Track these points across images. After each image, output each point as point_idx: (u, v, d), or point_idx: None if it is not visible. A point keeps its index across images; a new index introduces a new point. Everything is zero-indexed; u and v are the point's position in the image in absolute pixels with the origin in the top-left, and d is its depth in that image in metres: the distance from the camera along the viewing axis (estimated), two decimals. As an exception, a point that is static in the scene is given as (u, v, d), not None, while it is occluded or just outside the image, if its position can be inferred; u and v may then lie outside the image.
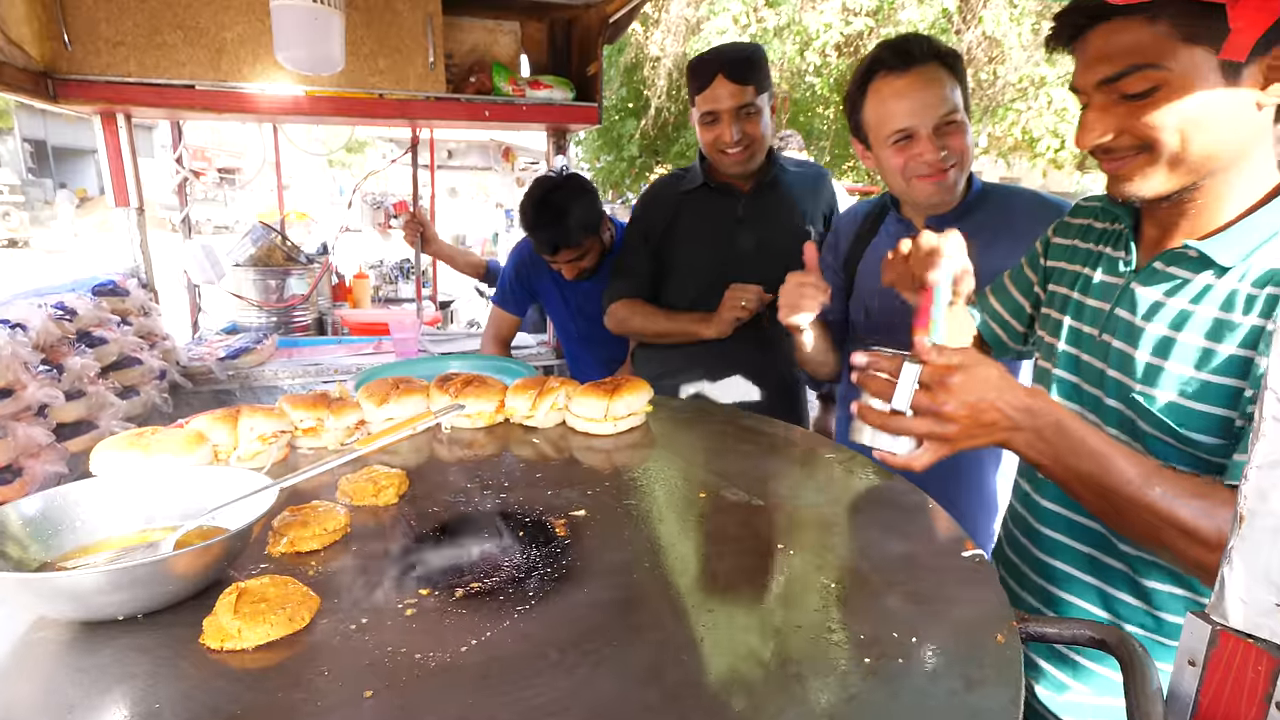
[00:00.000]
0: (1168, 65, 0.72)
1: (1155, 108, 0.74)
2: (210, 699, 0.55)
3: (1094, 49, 0.77)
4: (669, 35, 8.90)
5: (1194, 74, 0.71)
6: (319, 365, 2.42)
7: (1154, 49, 0.72)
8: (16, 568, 0.68)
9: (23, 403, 1.28)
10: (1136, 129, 0.76)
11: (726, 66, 1.59)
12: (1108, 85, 0.76)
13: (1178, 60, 0.71)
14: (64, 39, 1.85)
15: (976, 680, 0.57)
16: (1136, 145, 0.77)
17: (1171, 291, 0.82)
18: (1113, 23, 0.74)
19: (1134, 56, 0.73)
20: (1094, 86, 0.78)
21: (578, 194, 1.89)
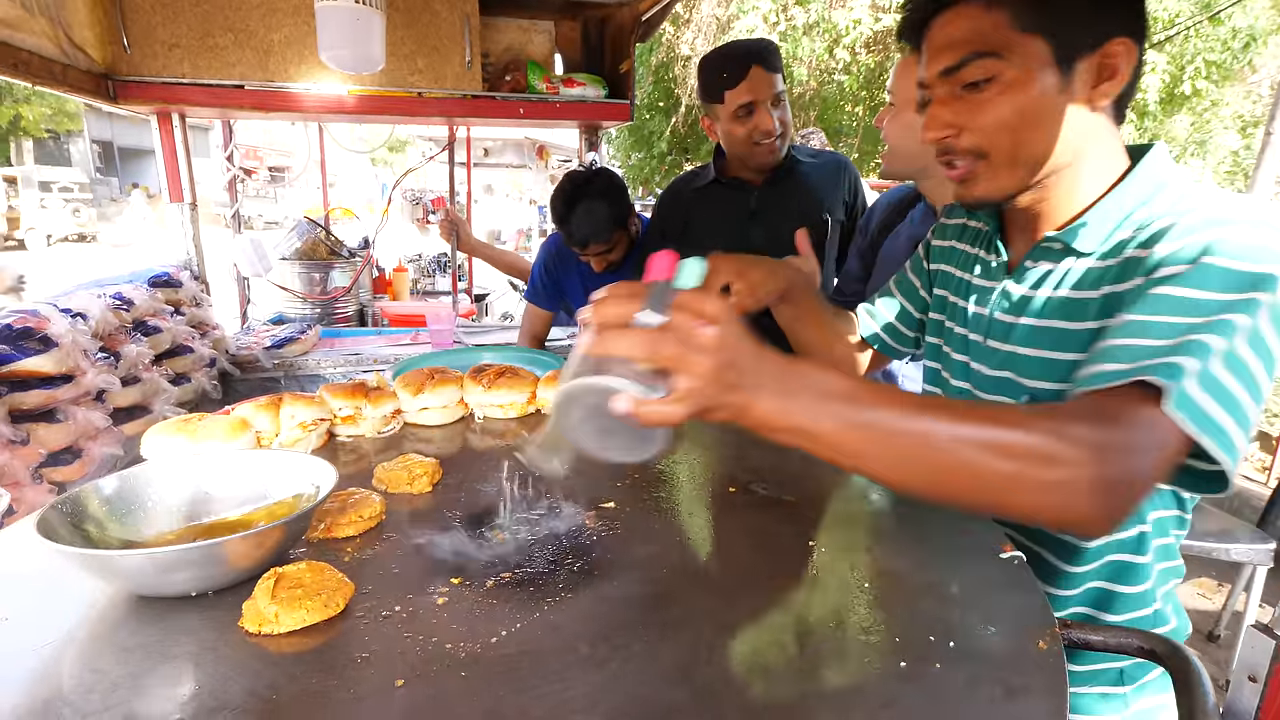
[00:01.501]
0: (1005, 55, 0.72)
1: (992, 101, 0.74)
2: (246, 681, 0.56)
3: (937, 38, 0.77)
4: (699, 35, 8.87)
5: (1030, 66, 0.72)
6: (359, 355, 2.48)
7: (992, 37, 0.72)
8: (94, 546, 0.71)
9: (83, 388, 1.34)
10: (973, 124, 0.75)
11: (759, 56, 1.59)
12: (949, 75, 0.76)
13: (1015, 50, 0.72)
14: (124, 42, 1.93)
15: (1018, 688, 0.55)
16: (973, 150, 0.77)
17: (1039, 284, 0.82)
18: (954, 10, 0.75)
19: (973, 44, 0.73)
20: (937, 77, 0.77)
21: (606, 189, 1.90)
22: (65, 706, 0.53)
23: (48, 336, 1.29)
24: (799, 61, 8.62)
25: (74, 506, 0.72)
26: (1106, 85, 0.73)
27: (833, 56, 8.36)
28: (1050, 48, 0.71)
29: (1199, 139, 8.14)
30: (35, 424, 1.26)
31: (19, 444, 1.20)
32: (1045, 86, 0.72)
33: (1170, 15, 7.33)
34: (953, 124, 0.77)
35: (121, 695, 0.54)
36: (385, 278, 4.03)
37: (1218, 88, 7.79)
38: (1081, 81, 0.72)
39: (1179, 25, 7.24)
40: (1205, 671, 0.55)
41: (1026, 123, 0.73)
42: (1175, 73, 7.54)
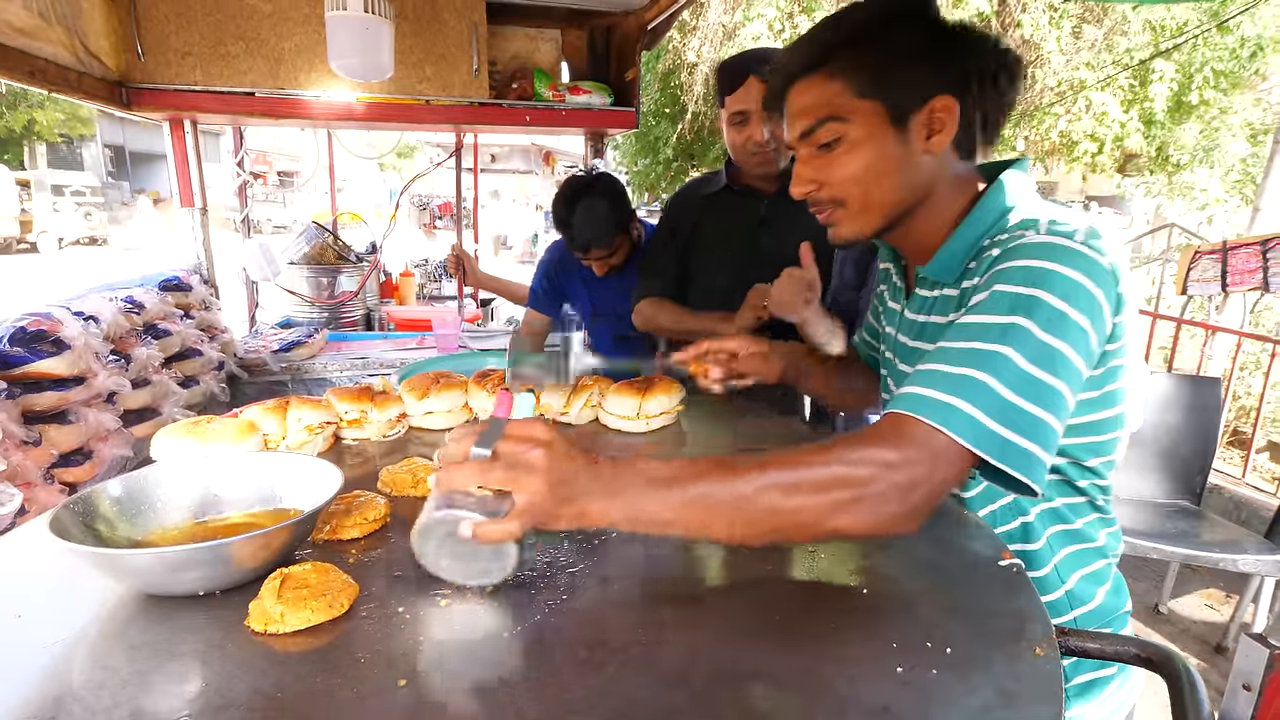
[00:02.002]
0: (849, 118, 0.82)
1: (842, 159, 0.84)
2: (252, 680, 0.57)
3: (793, 107, 0.87)
4: (705, 42, 8.91)
5: (870, 126, 0.82)
6: (365, 359, 2.50)
7: (836, 104, 0.82)
8: (105, 545, 0.72)
9: (94, 390, 1.36)
10: (830, 179, 0.85)
11: (757, 67, 1.60)
12: (805, 139, 0.86)
13: (856, 114, 0.81)
14: (138, 50, 1.96)
15: (1014, 694, 0.55)
16: (832, 200, 0.87)
17: (925, 310, 0.93)
18: (804, 81, 0.85)
19: (821, 110, 0.83)
20: (796, 140, 0.87)
21: (607, 193, 1.92)
22: (75, 703, 0.54)
23: (60, 339, 1.31)
24: (805, 69, 8.60)
25: (86, 506, 0.73)
26: (937, 137, 0.82)
27: None
28: (885, 109, 0.81)
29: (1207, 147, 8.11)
30: (47, 425, 1.28)
31: (31, 445, 1.22)
32: (885, 142, 0.82)
33: (1178, 24, 7.32)
34: (814, 179, 0.87)
35: (130, 692, 0.55)
36: (392, 282, 4.06)
37: (1226, 96, 7.76)
38: (916, 135, 0.82)
39: (1187, 34, 7.22)
40: (1200, 679, 0.55)
41: (873, 174, 0.83)
42: (1183, 81, 7.51)
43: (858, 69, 0.81)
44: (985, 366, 0.67)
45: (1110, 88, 7.65)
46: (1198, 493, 2.54)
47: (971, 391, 0.66)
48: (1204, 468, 2.55)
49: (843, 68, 0.82)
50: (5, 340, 1.25)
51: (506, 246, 15.64)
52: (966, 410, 0.65)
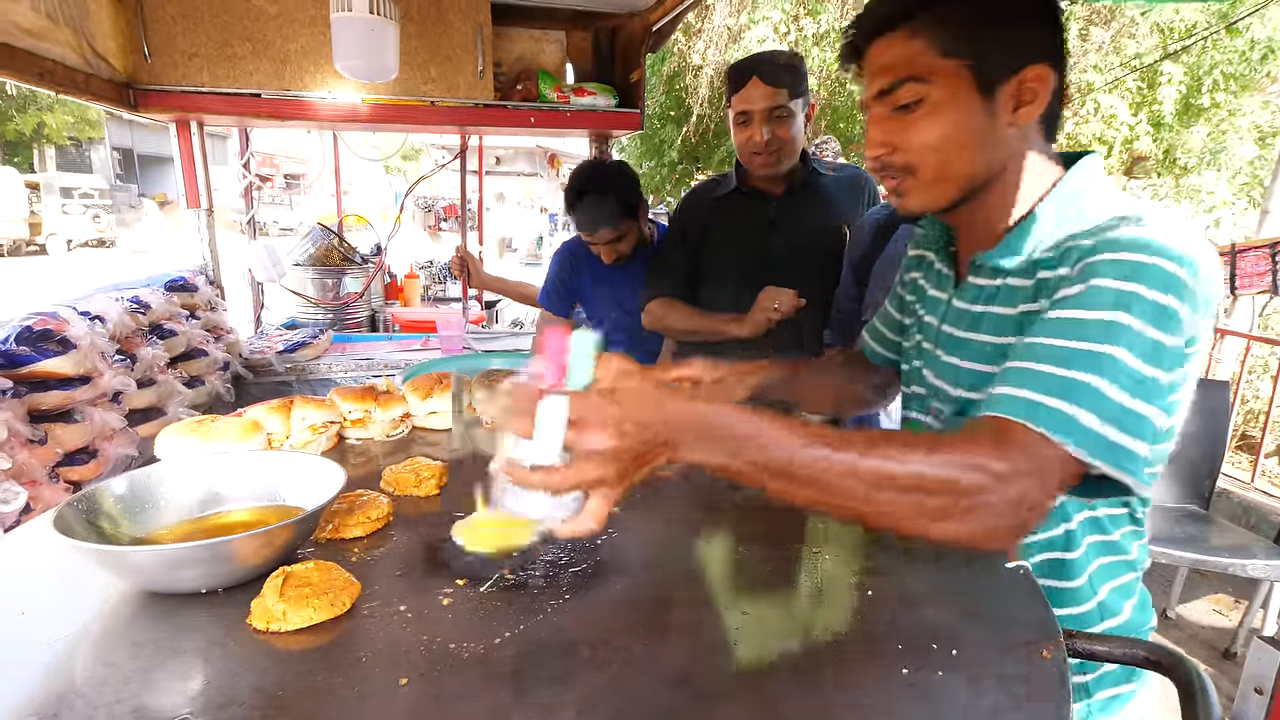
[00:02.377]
0: (931, 79, 0.77)
1: (920, 122, 0.78)
2: (253, 678, 0.57)
3: (872, 64, 0.82)
4: (711, 44, 8.91)
5: (954, 90, 0.76)
6: (370, 360, 2.50)
7: (919, 63, 0.77)
8: (108, 542, 0.72)
9: (100, 389, 1.36)
10: (904, 143, 0.80)
11: (760, 69, 1.62)
12: (883, 97, 0.81)
13: (940, 75, 0.76)
14: (144, 52, 1.98)
15: (1021, 697, 0.55)
16: (904, 167, 0.81)
17: (976, 299, 0.86)
18: (885, 38, 0.79)
19: (902, 70, 0.78)
20: (874, 99, 0.82)
21: (618, 176, 1.93)
22: (78, 699, 0.54)
23: (67, 338, 1.32)
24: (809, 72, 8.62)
25: (89, 504, 0.73)
26: (1026, 109, 0.77)
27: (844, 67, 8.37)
28: (972, 74, 0.75)
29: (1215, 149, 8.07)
30: (53, 424, 1.28)
31: (37, 443, 1.23)
32: (969, 109, 0.77)
33: (1187, 26, 7.29)
34: (886, 142, 0.82)
35: (132, 689, 0.55)
36: (397, 284, 4.06)
37: (1235, 98, 7.73)
38: (1003, 104, 0.76)
39: (1196, 36, 7.19)
40: (1210, 683, 0.54)
41: (951, 142, 0.78)
42: (1192, 84, 7.48)
43: (946, 26, 0.75)
44: (1096, 368, 0.63)
45: (1118, 90, 7.61)
46: (1206, 497, 2.52)
47: (1087, 397, 0.62)
48: (1212, 472, 2.53)
49: (929, 24, 0.76)
50: (11, 339, 1.25)
51: (511, 249, 15.66)
52: (1084, 420, 0.61)
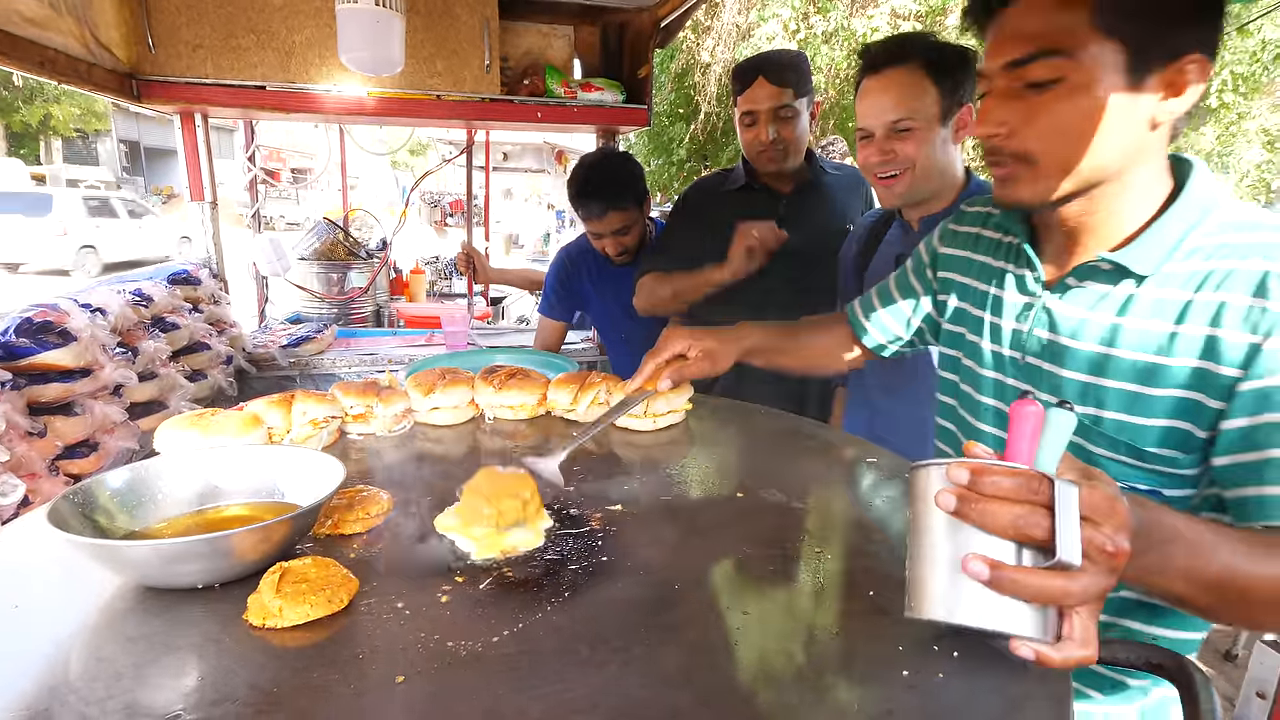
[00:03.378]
0: (1077, 56, 0.68)
1: (1053, 106, 0.69)
2: (249, 674, 0.56)
3: (1008, 28, 0.72)
4: (720, 42, 8.90)
5: (1100, 71, 0.68)
6: (374, 355, 2.50)
7: (1066, 35, 0.68)
8: (104, 536, 0.72)
9: (100, 382, 1.36)
10: (1028, 128, 0.72)
11: (766, 69, 1.63)
12: (1014, 69, 0.72)
13: (1087, 52, 0.67)
14: (148, 42, 1.97)
15: (1021, 699, 0.54)
16: (1022, 154, 0.73)
17: (1094, 306, 0.78)
18: (1030, 1, 0.70)
19: (1045, 40, 0.69)
20: (1000, 69, 0.73)
21: (630, 164, 1.94)
22: (70, 694, 0.54)
23: (67, 330, 1.32)
24: (818, 70, 8.61)
25: (85, 497, 0.73)
26: (1174, 103, 0.69)
27: (852, 65, 8.37)
28: (1126, 55, 0.67)
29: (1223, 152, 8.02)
30: (53, 416, 1.28)
31: (37, 436, 1.22)
32: (1112, 96, 0.68)
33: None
34: (1007, 122, 0.73)
35: (125, 685, 0.55)
36: (402, 279, 4.07)
37: (1246, 100, 7.67)
38: (1149, 95, 0.68)
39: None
40: (1212, 685, 0.53)
41: (1085, 132, 0.69)
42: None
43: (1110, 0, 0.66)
44: None
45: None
46: (1212, 500, 2.50)
47: None
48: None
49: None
50: (11, 331, 1.25)
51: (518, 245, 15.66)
52: None
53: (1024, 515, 0.47)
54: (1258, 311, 0.67)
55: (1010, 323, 0.87)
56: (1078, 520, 0.47)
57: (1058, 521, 0.46)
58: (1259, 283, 0.68)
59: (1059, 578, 0.47)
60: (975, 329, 0.94)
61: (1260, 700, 0.44)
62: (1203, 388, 0.70)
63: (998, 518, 0.48)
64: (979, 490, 0.48)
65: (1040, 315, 0.83)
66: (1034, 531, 0.47)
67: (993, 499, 0.48)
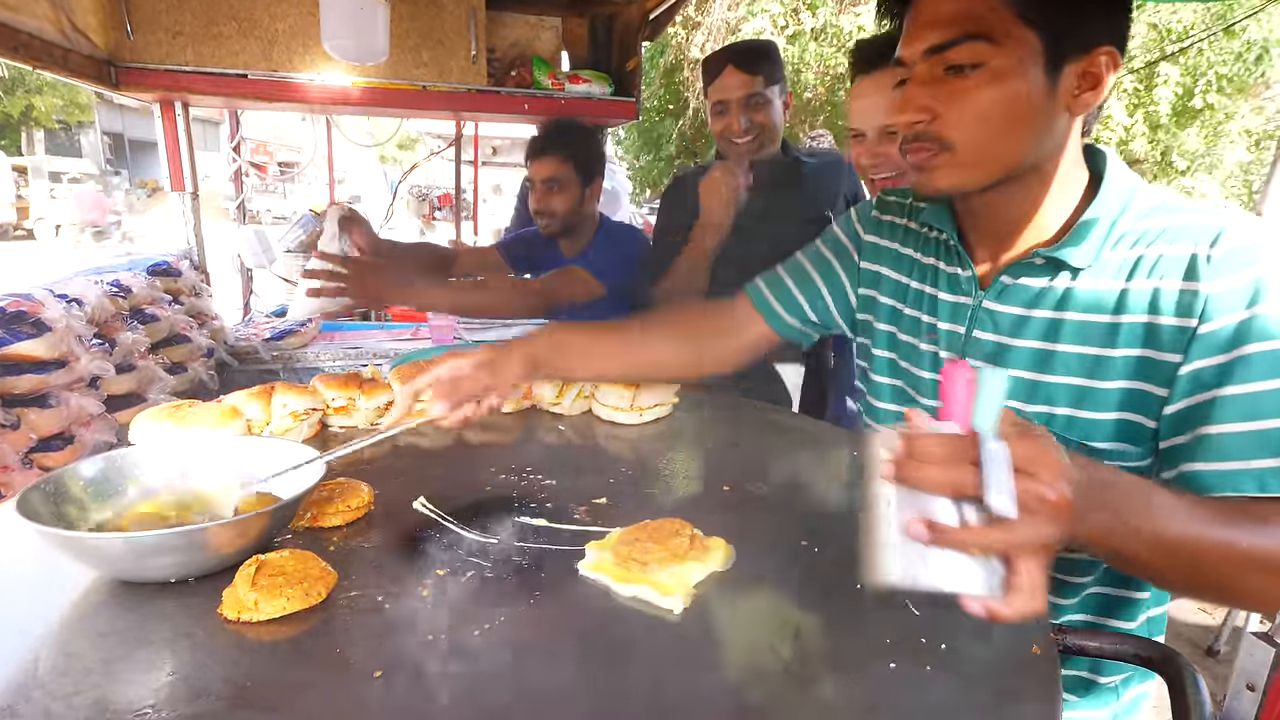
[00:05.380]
0: (998, 41, 0.68)
1: (973, 91, 0.70)
2: (222, 669, 0.55)
3: (928, 12, 0.72)
4: (709, 38, 8.90)
5: (1021, 59, 0.69)
6: (359, 349, 2.47)
7: (989, 20, 0.68)
8: (75, 528, 0.70)
9: (76, 374, 1.33)
10: (950, 112, 0.72)
11: (735, 57, 1.62)
12: (935, 54, 0.72)
13: (1010, 39, 0.68)
14: (127, 28, 1.93)
15: (1010, 692, 0.54)
16: (942, 139, 0.73)
17: (1032, 303, 0.78)
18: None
19: (966, 24, 0.69)
20: (921, 55, 0.73)
21: (590, 131, 1.93)
22: (37, 689, 0.52)
23: (41, 321, 1.29)
24: (807, 66, 8.63)
25: (56, 488, 0.71)
26: (1089, 94, 0.71)
27: (841, 61, 8.40)
28: (1043, 44, 0.68)
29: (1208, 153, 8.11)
30: (27, 409, 1.25)
31: (9, 428, 1.20)
32: (1032, 84, 0.69)
33: (1184, 27, 7.31)
34: (928, 108, 0.73)
35: (94, 680, 0.53)
36: (388, 273, 4.02)
37: (1231, 101, 7.76)
38: (1066, 85, 0.70)
39: (1193, 37, 7.21)
40: (1201, 679, 0.53)
41: (1006, 118, 0.70)
42: (1189, 85, 7.51)
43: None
44: None
45: (1115, 91, 7.63)
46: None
47: None
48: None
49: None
50: (-15, 320, 1.22)
51: (506, 241, 15.58)
52: None
53: (955, 474, 0.49)
54: (1189, 295, 0.69)
55: (948, 324, 0.86)
56: (1008, 473, 0.48)
57: (986, 475, 0.48)
58: (1188, 266, 0.69)
59: (997, 530, 0.48)
60: (911, 329, 0.91)
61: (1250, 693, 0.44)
62: (1148, 376, 0.71)
63: (932, 479, 0.49)
64: (913, 456, 0.49)
65: (980, 317, 0.82)
66: (967, 489, 0.48)
67: (926, 462, 0.49)
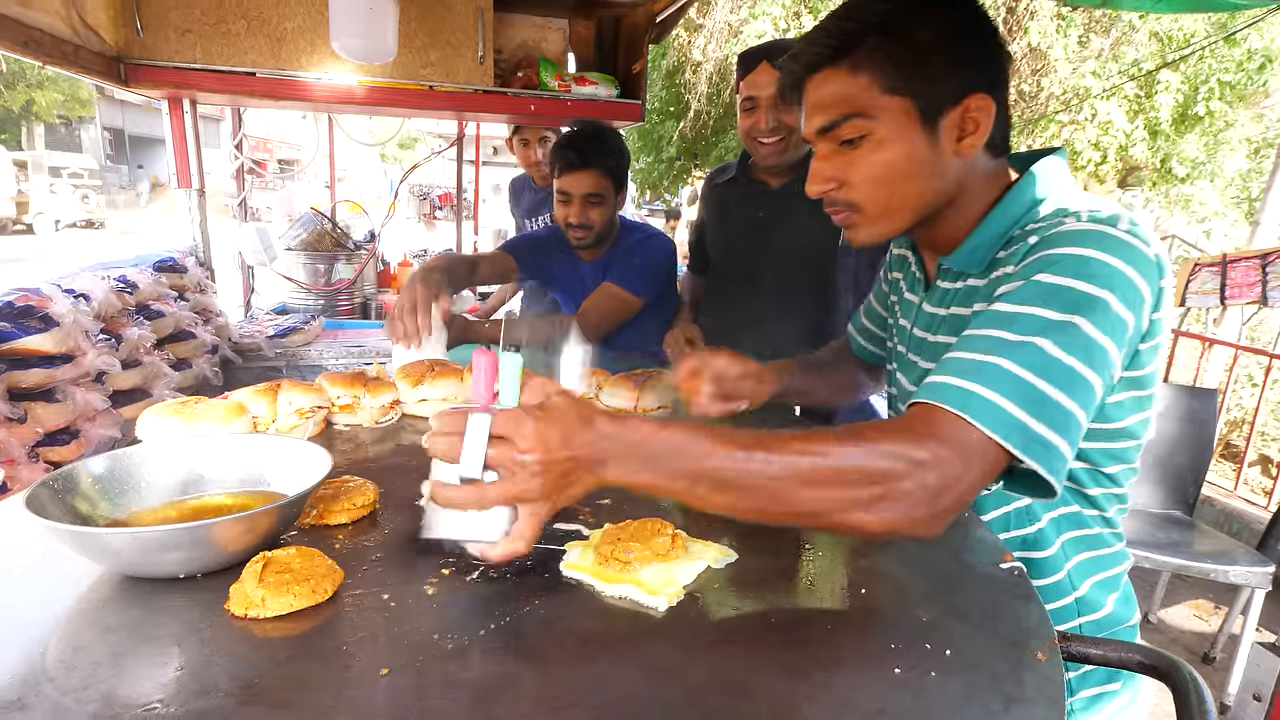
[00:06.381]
0: (875, 115, 0.76)
1: (865, 159, 0.78)
2: (229, 665, 0.55)
3: (811, 99, 0.81)
4: (711, 40, 8.91)
5: (899, 124, 0.76)
6: (362, 347, 2.47)
7: (861, 99, 0.76)
8: (84, 524, 0.70)
9: (82, 369, 1.33)
10: (850, 178, 0.80)
11: (771, 56, 1.60)
12: (826, 134, 0.80)
13: (883, 111, 0.76)
14: (136, 25, 1.93)
15: (1015, 699, 0.54)
16: (849, 201, 0.81)
17: (946, 303, 0.88)
18: (823, 74, 0.79)
19: (844, 106, 0.77)
20: (815, 135, 0.82)
21: (622, 140, 1.86)
22: (46, 683, 0.52)
23: (49, 315, 1.29)
24: (809, 70, 8.59)
25: (65, 483, 0.71)
26: (970, 140, 0.77)
27: None
28: (915, 106, 0.75)
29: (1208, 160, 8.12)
30: (33, 403, 1.25)
31: (16, 422, 1.20)
32: (914, 142, 0.76)
33: (1186, 35, 7.32)
34: (833, 178, 0.81)
35: (103, 674, 0.54)
36: (390, 272, 4.03)
37: (1231, 109, 7.77)
38: (947, 135, 0.76)
39: (1194, 45, 7.22)
40: (1206, 688, 0.54)
41: (899, 176, 0.78)
42: (1189, 93, 7.52)
43: (887, 61, 0.74)
44: (1017, 356, 0.63)
45: (1116, 97, 7.65)
46: (1190, 503, 2.54)
47: (1000, 380, 0.62)
48: (1198, 479, 2.54)
49: (869, 59, 0.75)
50: (-8, 315, 1.22)
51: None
52: (1001, 404, 0.61)
53: (445, 443, 0.61)
54: (1005, 278, 0.74)
55: (905, 321, 0.98)
56: (480, 442, 0.60)
57: (464, 445, 0.60)
58: (1015, 251, 0.75)
59: (471, 489, 0.60)
60: (894, 326, 1.03)
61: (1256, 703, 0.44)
62: None
63: (435, 449, 0.62)
64: (434, 431, 0.62)
65: (919, 315, 0.94)
66: (451, 455, 0.60)
67: (438, 434, 0.61)
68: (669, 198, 11.94)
